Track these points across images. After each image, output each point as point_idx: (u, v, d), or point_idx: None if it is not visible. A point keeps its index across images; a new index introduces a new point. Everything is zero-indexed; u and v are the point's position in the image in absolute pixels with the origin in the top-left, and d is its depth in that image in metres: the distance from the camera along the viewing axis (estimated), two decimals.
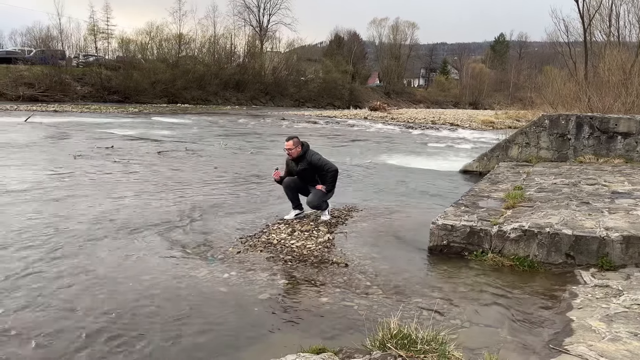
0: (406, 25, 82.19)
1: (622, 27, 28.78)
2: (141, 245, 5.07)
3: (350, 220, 6.28)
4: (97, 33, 50.71)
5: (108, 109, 32.78)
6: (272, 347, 3.06)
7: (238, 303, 3.76)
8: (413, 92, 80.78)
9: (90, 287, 3.98)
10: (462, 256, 4.90)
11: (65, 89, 40.14)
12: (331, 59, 67.42)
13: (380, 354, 2.41)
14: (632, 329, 3.15)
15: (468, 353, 2.92)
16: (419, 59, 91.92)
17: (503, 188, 7.00)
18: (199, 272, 4.35)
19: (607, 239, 4.46)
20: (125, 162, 10.55)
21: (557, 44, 34.83)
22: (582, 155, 9.79)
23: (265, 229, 5.72)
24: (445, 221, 5.08)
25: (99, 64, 45.57)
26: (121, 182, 8.43)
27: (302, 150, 6.11)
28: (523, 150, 10.39)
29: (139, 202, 6.96)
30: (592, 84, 20.95)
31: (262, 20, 67.31)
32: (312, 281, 4.23)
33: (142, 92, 44.18)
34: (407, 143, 18.51)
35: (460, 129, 27.10)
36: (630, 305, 3.55)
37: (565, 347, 2.96)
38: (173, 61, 50.81)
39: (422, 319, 3.35)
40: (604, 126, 9.73)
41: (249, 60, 58.40)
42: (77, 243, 5.04)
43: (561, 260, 4.59)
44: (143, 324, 3.39)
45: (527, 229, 4.74)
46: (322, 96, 61.26)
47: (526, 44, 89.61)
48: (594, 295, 3.83)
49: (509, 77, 73.55)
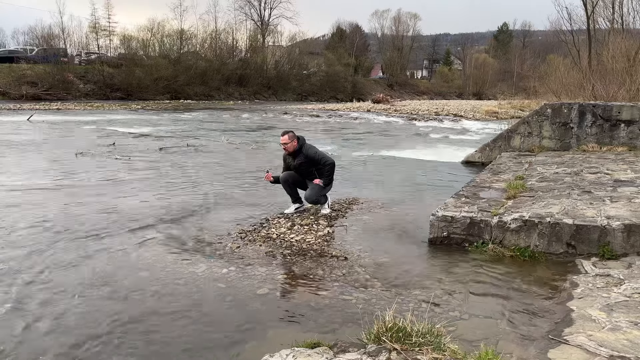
0: (408, 17, 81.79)
1: (626, 14, 28.48)
2: (140, 241, 5.07)
3: (351, 213, 6.26)
4: (99, 30, 50.57)
5: (111, 106, 32.83)
6: (269, 341, 3.05)
7: (236, 298, 3.75)
8: (416, 84, 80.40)
9: (89, 283, 3.98)
10: (462, 247, 4.87)
11: (68, 87, 40.19)
12: (333, 52, 67.15)
13: (375, 348, 2.40)
14: (633, 318, 3.12)
15: (466, 345, 2.89)
16: (422, 50, 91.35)
17: (504, 178, 6.95)
18: (198, 268, 4.35)
19: (608, 228, 4.42)
20: (126, 159, 10.56)
21: (560, 33, 34.55)
22: (585, 144, 9.71)
23: (265, 224, 5.71)
24: (446, 212, 5.05)
25: (101, 61, 45.52)
26: (122, 178, 8.43)
27: (298, 145, 6.08)
28: (525, 140, 10.32)
29: (139, 198, 6.97)
30: (596, 72, 20.77)
31: (263, 14, 67.04)
32: (311, 275, 4.21)
33: (144, 88, 44.16)
34: (409, 135, 18.44)
35: (463, 120, 26.98)
36: (631, 294, 3.51)
37: (565, 338, 2.93)
38: (175, 57, 50.72)
39: (421, 312, 3.32)
40: (607, 114, 9.64)
41: (251, 55, 58.26)
42: (76, 239, 5.05)
43: (562, 250, 4.56)
44: (141, 319, 3.39)
45: (528, 219, 4.70)
46: (325, 89, 61.08)
47: (530, 33, 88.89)
48: (595, 284, 3.79)
49: (513, 66, 72.98)
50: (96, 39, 50.98)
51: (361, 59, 73.23)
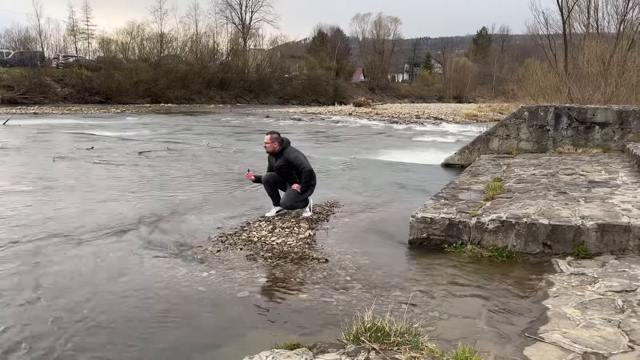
0: (389, 21, 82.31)
1: (601, 19, 29.09)
2: (119, 245, 5.02)
3: (332, 216, 6.29)
4: (77, 33, 49.86)
5: (89, 110, 32.39)
6: (249, 344, 3.05)
7: (217, 302, 3.74)
8: (397, 87, 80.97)
9: (67, 288, 3.93)
10: (441, 249, 4.93)
11: (45, 91, 39.49)
12: (315, 55, 67.28)
13: (354, 348, 2.42)
14: (606, 316, 3.20)
15: (444, 344, 2.94)
16: (403, 54, 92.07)
17: (483, 180, 7.05)
18: (178, 272, 4.32)
19: (582, 228, 4.52)
20: (105, 163, 10.43)
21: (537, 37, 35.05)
22: (561, 146, 9.90)
23: (246, 227, 5.70)
24: (425, 214, 5.11)
25: (80, 64, 44.89)
26: (101, 182, 8.33)
27: (281, 147, 6.09)
28: (504, 142, 10.48)
29: (118, 202, 6.89)
30: (572, 75, 21.17)
31: (244, 17, 66.90)
32: (292, 278, 4.22)
33: (124, 92, 43.63)
34: (390, 138, 18.57)
35: (444, 123, 27.26)
36: (605, 292, 3.60)
37: (540, 335, 2.99)
38: (155, 61, 50.28)
39: (400, 312, 3.35)
40: (582, 117, 9.85)
41: (232, 58, 58.04)
42: (54, 244, 4.97)
43: (538, 250, 4.64)
44: (120, 324, 3.36)
45: (505, 220, 4.78)
46: (307, 93, 61.14)
47: (508, 37, 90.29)
48: (570, 283, 3.87)
49: (492, 70, 74.09)
50: (74, 42, 50.27)
51: (343, 63, 73.56)
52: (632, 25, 26.11)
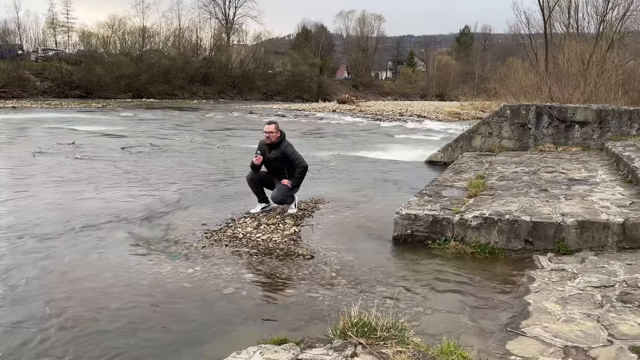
0: (373, 18, 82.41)
1: (581, 19, 29.62)
2: (103, 242, 4.97)
3: (317, 213, 6.31)
4: (57, 26, 48.96)
5: (70, 104, 31.88)
6: (236, 340, 3.05)
7: (202, 298, 3.73)
8: (381, 85, 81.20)
9: (50, 285, 3.89)
10: (425, 245, 4.99)
11: (24, 85, 38.76)
12: (299, 51, 67.09)
13: (341, 342, 2.44)
14: (586, 310, 3.28)
15: (429, 338, 2.98)
16: (386, 52, 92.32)
17: (466, 177, 7.14)
18: (163, 268, 4.30)
19: (563, 225, 4.61)
20: (87, 159, 10.30)
21: (519, 36, 35.55)
22: (542, 144, 10.06)
23: (231, 223, 5.69)
24: (409, 211, 5.16)
25: (59, 58, 44.10)
26: (83, 178, 8.22)
27: (279, 139, 6.11)
28: (486, 140, 10.61)
29: (101, 198, 6.82)
30: (553, 74, 21.51)
31: (228, 12, 66.28)
32: (277, 274, 4.24)
33: (105, 87, 42.99)
34: (374, 135, 18.65)
35: (427, 121, 27.44)
36: (584, 288, 3.69)
37: (522, 330, 3.05)
38: (137, 55, 49.63)
39: (386, 308, 3.39)
40: (562, 115, 10.02)
41: (215, 54, 57.57)
42: (36, 241, 4.91)
43: (520, 246, 4.73)
44: (105, 321, 3.33)
45: (488, 217, 4.85)
46: (291, 89, 60.98)
47: (490, 36, 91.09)
48: (551, 279, 3.96)
49: (474, 68, 74.76)
50: (54, 35, 49.37)
51: (326, 59, 73.47)
52: (611, 26, 26.61)
